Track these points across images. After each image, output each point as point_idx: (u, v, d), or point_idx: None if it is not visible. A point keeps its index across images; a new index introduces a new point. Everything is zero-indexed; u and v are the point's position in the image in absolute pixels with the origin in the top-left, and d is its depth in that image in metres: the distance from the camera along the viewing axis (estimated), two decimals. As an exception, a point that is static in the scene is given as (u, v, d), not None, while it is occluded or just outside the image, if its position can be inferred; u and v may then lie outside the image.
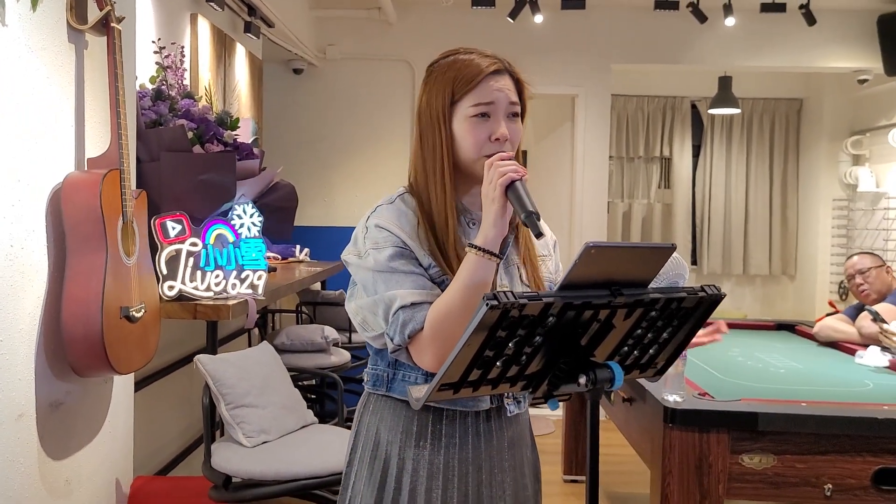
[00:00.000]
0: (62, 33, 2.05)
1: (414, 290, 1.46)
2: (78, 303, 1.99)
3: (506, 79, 1.55)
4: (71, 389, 2.14)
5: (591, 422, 1.38)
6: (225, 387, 2.48)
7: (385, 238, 1.50)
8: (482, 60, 1.54)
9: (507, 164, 1.41)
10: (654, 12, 5.19)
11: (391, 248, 1.49)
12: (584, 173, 5.98)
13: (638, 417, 2.81)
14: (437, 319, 1.42)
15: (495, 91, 1.52)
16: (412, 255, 1.49)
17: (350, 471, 1.62)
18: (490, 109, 1.51)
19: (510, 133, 1.52)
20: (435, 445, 1.56)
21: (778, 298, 7.14)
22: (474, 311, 1.35)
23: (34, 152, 1.94)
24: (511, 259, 1.60)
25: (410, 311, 1.44)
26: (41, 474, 2.02)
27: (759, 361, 3.46)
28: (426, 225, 1.52)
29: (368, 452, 1.59)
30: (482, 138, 1.50)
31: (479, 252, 1.40)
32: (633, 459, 4.36)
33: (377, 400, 1.60)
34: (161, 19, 3.35)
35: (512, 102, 1.54)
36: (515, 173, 1.40)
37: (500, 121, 1.51)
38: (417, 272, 1.48)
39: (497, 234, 1.41)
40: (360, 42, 5.78)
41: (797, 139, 7.04)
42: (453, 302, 1.41)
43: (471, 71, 1.52)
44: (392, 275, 1.47)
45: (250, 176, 3.05)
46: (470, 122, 1.51)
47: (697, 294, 1.40)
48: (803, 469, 2.41)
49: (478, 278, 1.40)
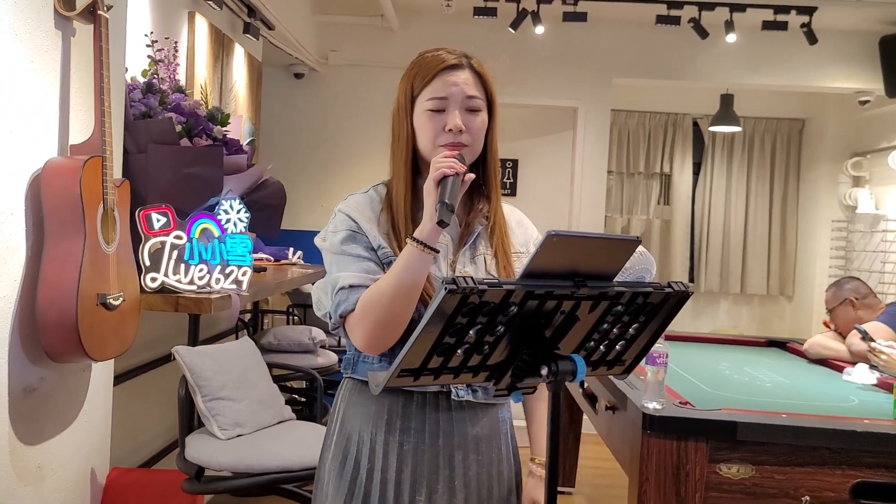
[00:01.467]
0: (49, 19, 2.06)
1: (356, 273, 1.54)
2: (53, 287, 1.99)
3: (464, 73, 1.60)
4: (45, 375, 2.14)
5: (552, 412, 1.36)
6: (202, 379, 2.48)
7: (342, 222, 1.60)
8: (441, 56, 1.60)
9: (444, 161, 1.47)
10: (655, 27, 5.21)
11: (344, 232, 1.58)
12: (583, 187, 5.98)
13: (619, 425, 2.79)
14: (366, 302, 1.49)
15: (450, 85, 1.57)
16: (364, 240, 1.58)
17: (324, 450, 1.68)
18: (444, 104, 1.57)
19: (468, 125, 1.57)
20: (392, 427, 1.59)
21: (775, 318, 7.11)
22: (404, 298, 1.47)
23: (16, 135, 1.95)
24: (478, 249, 1.63)
25: (347, 293, 1.53)
26: (11, 458, 2.01)
27: (746, 375, 3.44)
28: (388, 210, 1.61)
29: (335, 433, 1.65)
30: (437, 130, 1.57)
31: (415, 243, 1.45)
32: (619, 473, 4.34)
33: (346, 382, 1.68)
34: (158, 15, 3.37)
35: (469, 96, 1.58)
36: (450, 169, 1.46)
37: (454, 112, 1.57)
38: (365, 256, 1.56)
39: (433, 228, 1.45)
40: (361, 49, 5.80)
41: (798, 159, 7.03)
42: (383, 287, 1.48)
43: (428, 66, 1.60)
44: (342, 257, 1.57)
45: (238, 171, 3.06)
46: (426, 115, 1.58)
47: (664, 290, 1.40)
48: (782, 480, 2.38)
49: (411, 268, 1.46)
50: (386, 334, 1.50)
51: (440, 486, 1.59)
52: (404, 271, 1.46)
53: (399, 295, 1.46)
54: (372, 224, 1.59)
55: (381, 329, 1.49)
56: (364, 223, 1.58)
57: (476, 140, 1.59)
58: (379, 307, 1.47)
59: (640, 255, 1.71)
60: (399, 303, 1.47)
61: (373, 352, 1.54)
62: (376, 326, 1.48)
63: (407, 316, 1.50)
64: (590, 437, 4.70)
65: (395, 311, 1.48)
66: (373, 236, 1.57)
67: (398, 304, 1.47)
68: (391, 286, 1.47)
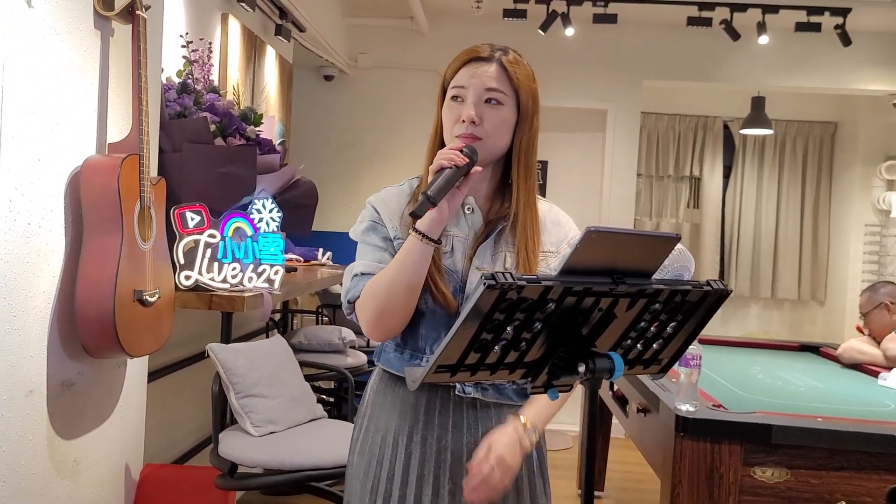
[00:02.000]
0: (88, 19, 2.09)
1: (369, 261, 1.59)
2: (92, 283, 2.02)
3: (491, 66, 1.59)
4: (83, 370, 2.17)
5: (590, 411, 1.36)
6: (235, 376, 2.49)
7: (366, 213, 1.65)
8: (476, 48, 1.61)
9: (446, 152, 1.48)
10: (686, 29, 5.18)
11: (367, 222, 1.64)
12: (612, 189, 5.96)
13: (651, 428, 2.77)
14: (368, 289, 1.54)
15: (471, 77, 1.58)
16: (384, 230, 1.62)
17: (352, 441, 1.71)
18: (464, 93, 1.58)
19: (485, 117, 1.57)
20: (416, 421, 1.61)
21: (806, 323, 7.02)
22: (403, 288, 1.50)
23: (55, 133, 1.97)
24: (500, 246, 1.62)
25: (357, 280, 1.58)
26: (49, 452, 2.03)
27: (779, 379, 3.40)
28: (414, 201, 1.62)
29: (363, 426, 1.68)
30: (455, 119, 1.58)
31: (416, 234, 1.48)
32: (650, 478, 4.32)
33: (376, 370, 1.72)
34: (192, 17, 3.41)
35: (489, 88, 1.57)
36: (448, 161, 1.47)
37: (470, 103, 1.57)
38: (381, 246, 1.61)
39: (434, 220, 1.47)
40: (391, 51, 5.82)
41: (830, 163, 6.94)
42: (384, 276, 1.52)
43: (460, 57, 1.61)
44: (362, 246, 1.63)
45: (270, 171, 3.08)
46: (448, 104, 1.61)
47: (703, 288, 1.38)
48: (817, 484, 2.36)
49: (410, 259, 1.49)
50: (386, 322, 1.54)
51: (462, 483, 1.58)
52: (404, 261, 1.49)
53: (397, 284, 1.49)
54: (394, 216, 1.62)
55: (381, 316, 1.53)
56: (385, 214, 1.62)
57: (492, 135, 1.57)
58: (379, 295, 1.51)
59: (678, 252, 1.69)
60: (397, 292, 1.50)
61: (377, 339, 1.59)
62: (376, 313, 1.52)
63: (406, 306, 1.52)
64: (618, 440, 4.69)
65: (393, 299, 1.51)
66: (391, 227, 1.61)
67: (396, 292, 1.50)
68: (390, 275, 1.50)
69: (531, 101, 1.62)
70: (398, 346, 1.62)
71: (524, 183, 1.64)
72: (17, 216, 1.83)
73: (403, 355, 1.61)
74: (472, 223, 1.63)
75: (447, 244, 1.60)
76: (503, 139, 1.60)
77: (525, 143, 1.63)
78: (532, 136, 1.64)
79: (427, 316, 1.58)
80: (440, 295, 1.55)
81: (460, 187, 1.49)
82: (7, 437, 1.85)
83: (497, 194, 1.66)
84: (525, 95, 1.60)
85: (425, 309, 1.57)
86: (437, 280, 1.54)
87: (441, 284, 1.55)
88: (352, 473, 1.67)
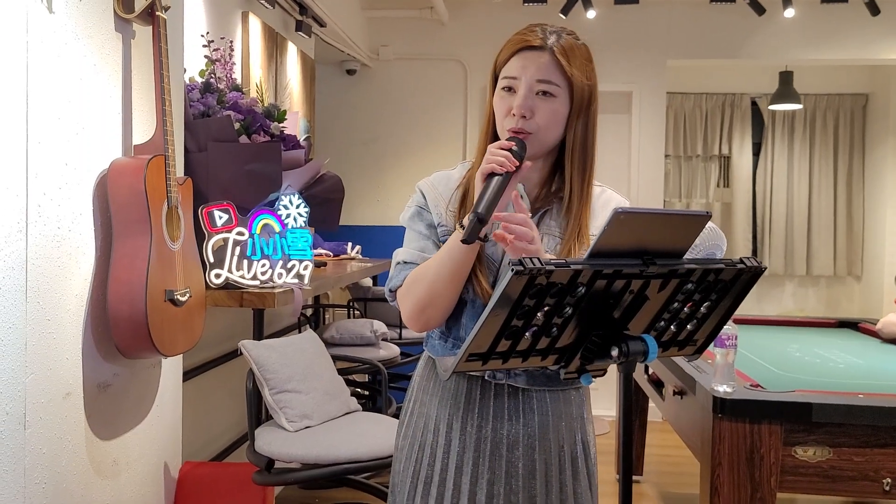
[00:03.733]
0: (109, 22, 2.10)
1: (412, 250, 1.58)
2: (123, 284, 2.03)
3: (543, 55, 1.53)
4: (118, 371, 2.19)
5: (625, 394, 1.34)
6: (268, 372, 2.50)
7: (415, 198, 1.65)
8: (526, 35, 1.55)
9: (496, 155, 1.43)
10: (710, 5, 5.11)
11: (413, 208, 1.63)
12: (640, 171, 5.90)
13: (688, 410, 2.74)
14: (411, 280, 1.54)
15: (522, 67, 1.53)
16: (429, 217, 1.60)
17: (398, 426, 1.72)
18: (515, 83, 1.53)
19: (537, 110, 1.52)
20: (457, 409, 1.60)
21: (843, 300, 6.91)
22: (445, 281, 1.48)
23: (81, 137, 1.99)
24: (541, 230, 1.57)
25: (400, 268, 1.58)
26: (88, 453, 2.06)
27: (818, 357, 3.34)
28: (463, 187, 1.60)
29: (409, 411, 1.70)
30: (504, 110, 1.54)
31: (462, 229, 1.44)
32: (688, 461, 4.28)
33: (423, 356, 1.72)
34: (212, 16, 3.42)
35: (540, 80, 1.52)
36: (500, 167, 1.42)
37: (521, 95, 1.52)
38: (425, 234, 1.60)
39: None
40: (412, 42, 5.80)
41: (863, 135, 6.82)
42: (428, 268, 1.51)
43: (511, 44, 1.56)
44: (409, 232, 1.62)
45: (296, 166, 3.08)
46: (499, 94, 1.56)
47: (736, 266, 1.35)
48: (861, 462, 2.32)
49: (453, 254, 1.48)
50: (427, 314, 1.53)
51: (501, 472, 1.58)
52: (447, 256, 1.48)
53: (440, 278, 1.49)
54: (441, 200, 1.60)
55: (422, 309, 1.52)
56: (432, 199, 1.61)
57: (544, 128, 1.52)
58: (420, 287, 1.51)
59: (710, 230, 1.66)
60: (439, 285, 1.49)
61: (417, 329, 1.58)
62: (418, 306, 1.52)
63: (447, 298, 1.51)
64: (655, 424, 4.64)
65: (434, 292, 1.50)
66: (437, 213, 1.59)
67: (438, 285, 1.49)
68: (433, 268, 1.50)
69: (586, 90, 1.55)
70: (443, 334, 1.62)
71: (580, 173, 1.58)
72: (46, 221, 1.85)
73: (447, 344, 1.61)
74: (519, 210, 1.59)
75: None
76: (555, 132, 1.55)
77: (580, 134, 1.56)
78: (589, 126, 1.58)
79: (468, 305, 1.56)
80: (479, 285, 1.53)
81: (510, 184, 1.45)
82: (47, 440, 1.87)
83: (548, 181, 1.61)
84: (579, 86, 1.54)
85: (467, 298, 1.56)
86: (476, 270, 1.52)
87: (480, 275, 1.53)
88: (397, 456, 1.69)
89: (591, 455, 1.68)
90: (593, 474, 1.68)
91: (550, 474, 1.61)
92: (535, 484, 1.59)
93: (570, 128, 1.56)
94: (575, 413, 1.65)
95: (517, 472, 1.58)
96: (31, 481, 1.82)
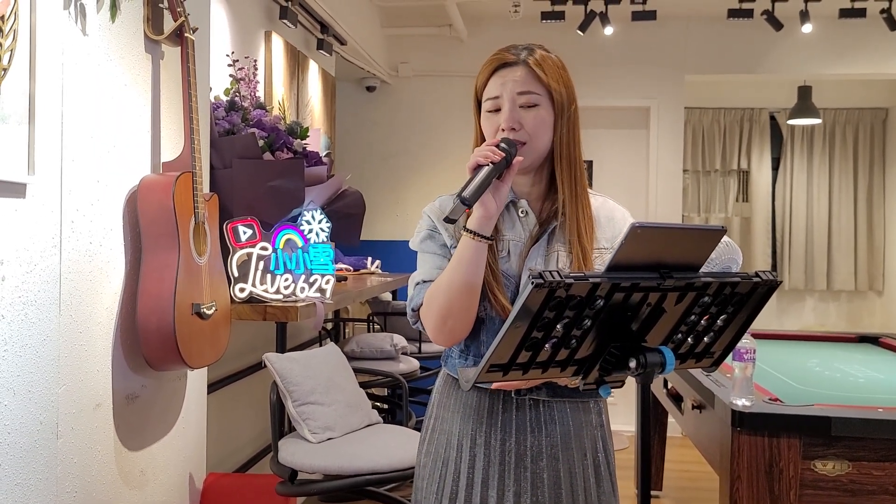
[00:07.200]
0: (139, 43, 2.16)
1: (429, 268, 1.63)
2: (152, 298, 2.08)
3: (518, 70, 1.61)
4: (146, 383, 2.24)
5: (642, 406, 1.37)
6: (291, 384, 2.55)
7: (423, 223, 1.69)
8: (499, 55, 1.63)
9: (482, 149, 1.51)
10: (727, 21, 5.13)
11: (424, 232, 1.68)
12: (658, 186, 5.92)
13: (707, 424, 2.75)
14: (430, 294, 1.58)
15: (501, 85, 1.60)
16: (441, 238, 1.65)
17: (420, 443, 1.75)
18: (499, 103, 1.60)
19: (524, 121, 1.59)
20: (479, 423, 1.63)
21: (864, 315, 6.87)
22: (462, 288, 1.51)
23: (112, 155, 2.05)
24: (553, 245, 1.63)
25: (420, 288, 1.62)
26: (117, 463, 2.10)
27: (838, 371, 3.34)
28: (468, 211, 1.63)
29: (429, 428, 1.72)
30: (495, 129, 1.61)
31: (468, 233, 1.50)
32: (708, 476, 4.27)
33: (441, 374, 1.74)
34: (236, 35, 3.49)
35: (521, 92, 1.59)
36: (484, 158, 1.49)
37: (506, 110, 1.59)
38: (439, 253, 1.64)
39: (482, 215, 1.50)
40: (431, 59, 5.87)
41: (883, 150, 6.80)
42: (443, 278, 1.55)
43: (486, 66, 1.64)
44: (422, 255, 1.66)
45: (318, 182, 3.14)
46: (485, 116, 1.64)
47: (752, 279, 1.38)
48: (881, 476, 2.32)
49: (465, 258, 1.51)
50: (450, 326, 1.55)
51: (527, 484, 1.60)
52: (459, 262, 1.52)
53: (455, 284, 1.52)
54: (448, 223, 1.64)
55: (444, 319, 1.55)
56: (440, 223, 1.65)
57: (534, 136, 1.59)
58: (438, 298, 1.54)
59: (725, 245, 1.68)
60: (456, 293, 1.52)
61: (443, 343, 1.61)
62: (438, 317, 1.55)
63: (467, 307, 1.54)
64: (675, 439, 4.65)
65: (453, 301, 1.53)
66: (446, 235, 1.64)
67: (454, 294, 1.52)
68: (447, 277, 1.54)
69: (565, 93, 1.62)
70: (462, 351, 1.65)
71: (568, 176, 1.64)
72: (79, 236, 1.90)
73: (467, 361, 1.64)
74: (527, 225, 1.64)
75: (503, 249, 1.62)
76: (545, 138, 1.61)
77: (565, 136, 1.63)
78: (572, 128, 1.64)
79: (487, 322, 1.60)
80: (496, 302, 1.57)
81: (503, 179, 1.51)
82: (78, 449, 1.92)
83: (549, 194, 1.67)
84: (557, 90, 1.61)
85: (485, 316, 1.59)
86: (493, 287, 1.56)
87: (497, 292, 1.57)
88: (419, 474, 1.71)
89: (611, 461, 1.71)
90: (615, 478, 1.71)
91: (576, 483, 1.63)
92: (562, 493, 1.62)
93: (557, 132, 1.63)
94: (595, 421, 1.69)
95: (543, 483, 1.61)
96: (63, 490, 1.87)
